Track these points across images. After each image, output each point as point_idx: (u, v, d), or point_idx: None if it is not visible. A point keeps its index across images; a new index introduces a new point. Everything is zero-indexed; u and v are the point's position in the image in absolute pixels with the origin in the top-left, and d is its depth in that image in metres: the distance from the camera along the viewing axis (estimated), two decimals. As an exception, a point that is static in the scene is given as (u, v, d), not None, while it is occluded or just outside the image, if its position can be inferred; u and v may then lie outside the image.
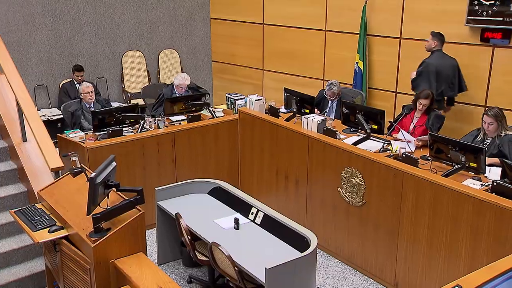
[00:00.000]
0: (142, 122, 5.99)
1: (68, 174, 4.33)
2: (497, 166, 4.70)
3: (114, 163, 3.81)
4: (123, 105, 7.56)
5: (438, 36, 6.50)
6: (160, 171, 5.93)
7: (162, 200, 5.12)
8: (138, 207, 3.78)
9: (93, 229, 3.57)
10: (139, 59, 9.04)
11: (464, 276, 3.28)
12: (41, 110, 7.92)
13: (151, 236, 5.59)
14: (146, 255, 3.81)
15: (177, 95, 6.81)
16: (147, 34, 9.12)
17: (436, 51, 6.50)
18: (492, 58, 6.65)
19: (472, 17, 6.62)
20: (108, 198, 3.72)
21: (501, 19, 6.39)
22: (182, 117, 6.37)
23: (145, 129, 5.97)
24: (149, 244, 5.46)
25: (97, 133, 5.77)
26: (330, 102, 6.53)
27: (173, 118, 6.36)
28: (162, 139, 5.91)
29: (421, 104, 5.67)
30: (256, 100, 6.21)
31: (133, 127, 6.01)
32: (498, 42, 6.54)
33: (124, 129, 5.87)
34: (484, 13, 6.50)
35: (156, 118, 6.16)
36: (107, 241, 3.54)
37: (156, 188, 5.13)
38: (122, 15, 8.78)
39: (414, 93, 6.17)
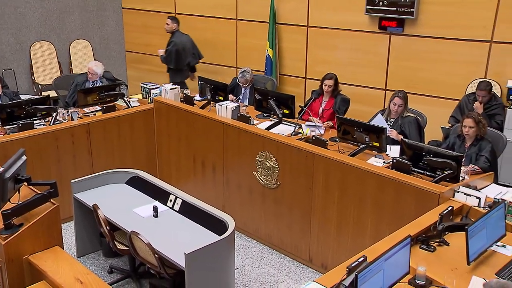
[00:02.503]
0: (54, 114, 5.74)
1: (-26, 170, 4.08)
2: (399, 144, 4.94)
3: (24, 157, 3.64)
4: (34, 97, 7.20)
5: (176, 20, 7.72)
6: (76, 163, 5.73)
7: (79, 192, 4.95)
8: (52, 200, 3.64)
9: (3, 226, 3.40)
10: (49, 50, 8.63)
11: (369, 247, 3.46)
12: None
13: (70, 229, 5.42)
14: (63, 249, 3.70)
15: (90, 82, 6.60)
16: (56, 24, 8.72)
17: (176, 31, 7.68)
18: (390, 44, 6.96)
19: (370, 7, 6.89)
20: (19, 193, 3.55)
21: (395, 9, 6.71)
22: (97, 108, 6.17)
23: (58, 121, 5.73)
24: (68, 237, 5.34)
25: (6, 127, 5.47)
26: (243, 89, 6.58)
27: (87, 110, 6.15)
28: (76, 131, 5.70)
29: (326, 85, 5.87)
30: (171, 89, 6.12)
31: (46, 120, 5.75)
32: (393, 30, 6.86)
33: (35, 122, 5.60)
34: (381, 3, 6.79)
35: (70, 110, 5.93)
36: (19, 237, 3.39)
37: (72, 181, 4.95)
38: (27, 4, 8.33)
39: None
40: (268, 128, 5.37)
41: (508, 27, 6.21)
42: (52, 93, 7.80)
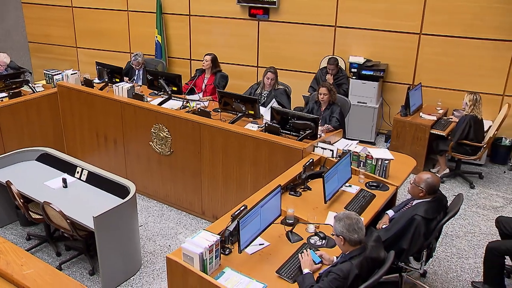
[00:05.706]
0: (-42, 102, 5.07)
1: None
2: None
3: None
4: None
5: None
6: (-14, 146, 5.15)
7: (-8, 172, 4.48)
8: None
9: None
10: (-51, 43, 7.56)
11: (249, 198, 3.49)
12: None
13: (-15, 205, 4.89)
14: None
15: (-2, 73, 5.93)
16: (-46, 17, 7.63)
17: None
18: (258, 29, 6.98)
19: (241, -3, 6.83)
20: None
21: (262, -1, 6.72)
22: (4, 94, 5.58)
23: (-37, 109, 5.08)
24: (-16, 213, 4.84)
25: None
26: (137, 71, 6.29)
27: (-6, 96, 5.53)
28: (-16, 116, 5.11)
29: (204, 60, 5.80)
30: (71, 74, 5.67)
31: (-49, 108, 5.08)
32: (261, 17, 6.87)
33: None
34: (249, -7, 6.74)
35: (-25, 98, 5.28)
36: None
37: (-18, 162, 4.46)
38: None
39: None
40: (160, 103, 5.17)
41: (346, 15, 6.49)
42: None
